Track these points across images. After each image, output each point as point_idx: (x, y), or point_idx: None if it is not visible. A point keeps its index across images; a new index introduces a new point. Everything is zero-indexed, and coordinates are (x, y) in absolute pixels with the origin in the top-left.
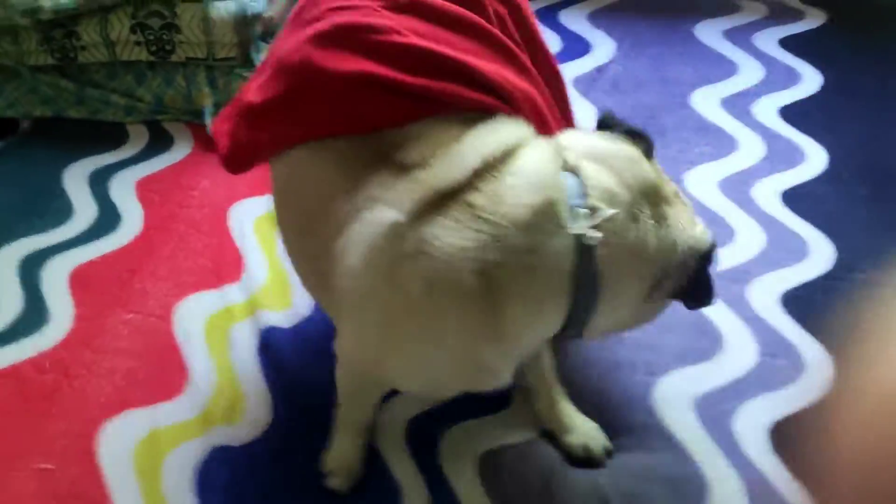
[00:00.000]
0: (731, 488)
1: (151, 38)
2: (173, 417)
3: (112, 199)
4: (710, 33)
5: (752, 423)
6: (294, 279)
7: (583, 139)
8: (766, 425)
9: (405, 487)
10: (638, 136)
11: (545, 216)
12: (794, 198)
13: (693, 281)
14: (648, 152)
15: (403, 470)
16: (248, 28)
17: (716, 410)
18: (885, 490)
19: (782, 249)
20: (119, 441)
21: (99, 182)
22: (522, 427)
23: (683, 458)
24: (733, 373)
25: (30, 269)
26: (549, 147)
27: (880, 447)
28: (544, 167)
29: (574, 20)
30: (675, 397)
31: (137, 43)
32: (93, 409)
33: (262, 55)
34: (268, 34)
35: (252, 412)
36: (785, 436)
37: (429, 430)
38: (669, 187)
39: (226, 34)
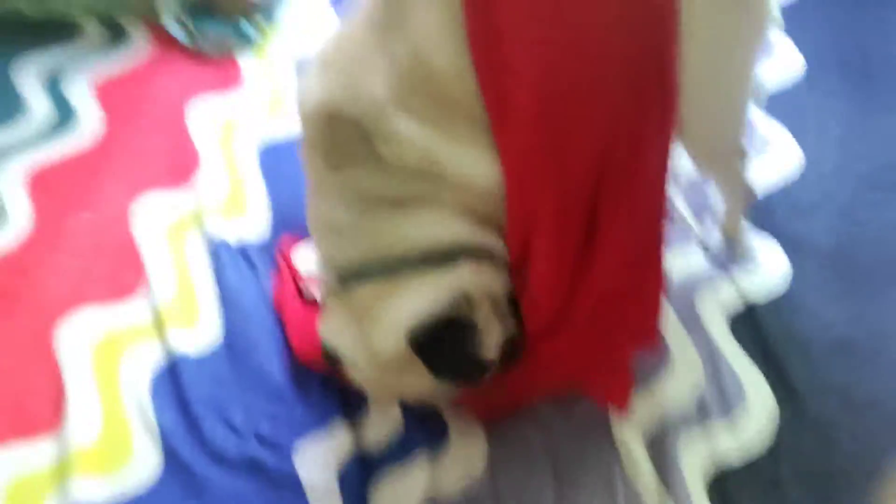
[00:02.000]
0: None
1: None
2: (130, 320)
3: (67, 98)
4: None
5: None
6: (251, 187)
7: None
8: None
9: None
10: None
11: None
12: (768, 100)
13: None
14: None
15: None
16: None
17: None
18: None
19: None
20: (77, 339)
21: (53, 80)
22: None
23: None
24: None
25: None
26: None
27: None
28: None
29: None
30: None
31: None
32: (49, 306)
33: None
34: None
35: (208, 319)
36: None
37: (359, 479)
38: None
39: None
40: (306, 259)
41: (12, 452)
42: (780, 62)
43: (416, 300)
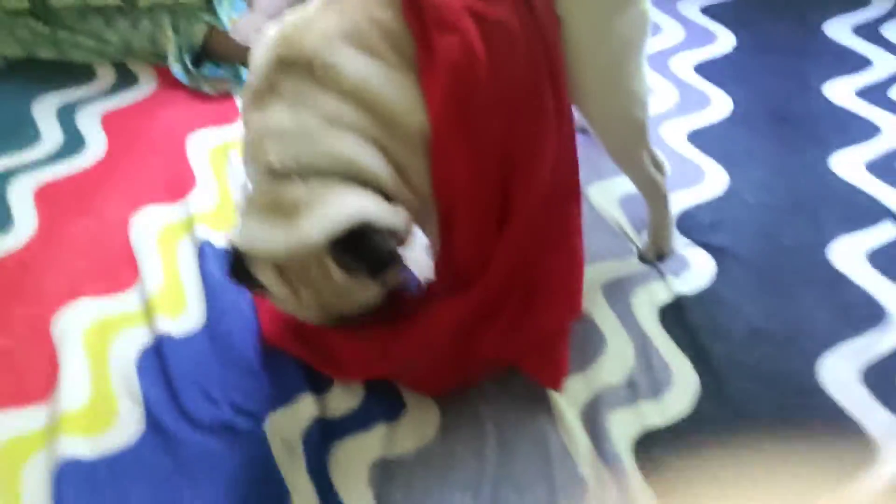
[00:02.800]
0: None
1: None
2: (122, 308)
3: (78, 128)
4: None
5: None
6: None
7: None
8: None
9: (295, 497)
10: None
11: None
12: (699, 137)
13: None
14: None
15: (294, 479)
16: None
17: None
18: None
19: (681, 178)
20: (72, 324)
21: (66, 113)
22: (413, 436)
23: None
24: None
25: None
26: None
27: None
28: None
29: None
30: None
31: None
32: (49, 298)
33: (224, 2)
34: None
35: (193, 308)
36: None
37: (320, 441)
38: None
39: None
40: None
41: (6, 416)
42: (712, 106)
43: (351, 200)
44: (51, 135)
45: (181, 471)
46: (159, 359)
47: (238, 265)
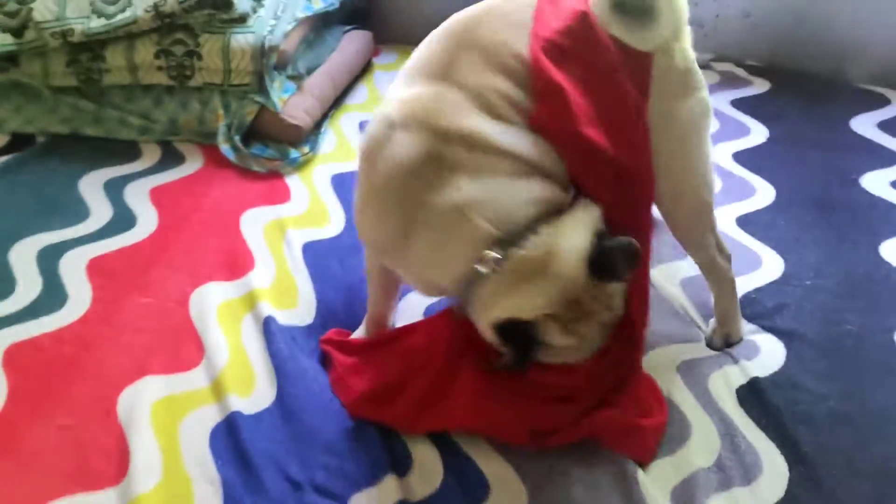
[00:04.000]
0: None
1: (174, 63)
2: (189, 386)
3: (127, 203)
4: None
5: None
6: (299, 282)
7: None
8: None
9: None
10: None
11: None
12: (748, 223)
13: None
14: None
15: None
16: (265, 58)
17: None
18: None
19: (739, 261)
20: (138, 402)
21: (114, 189)
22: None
23: None
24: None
25: (47, 259)
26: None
27: None
28: (517, 193)
29: None
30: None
31: (159, 68)
32: (112, 376)
33: (275, 84)
34: (281, 65)
35: (261, 387)
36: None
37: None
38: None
39: (244, 63)
40: None
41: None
42: (756, 193)
43: (574, 223)
44: (100, 210)
45: None
46: (233, 438)
47: (521, 336)
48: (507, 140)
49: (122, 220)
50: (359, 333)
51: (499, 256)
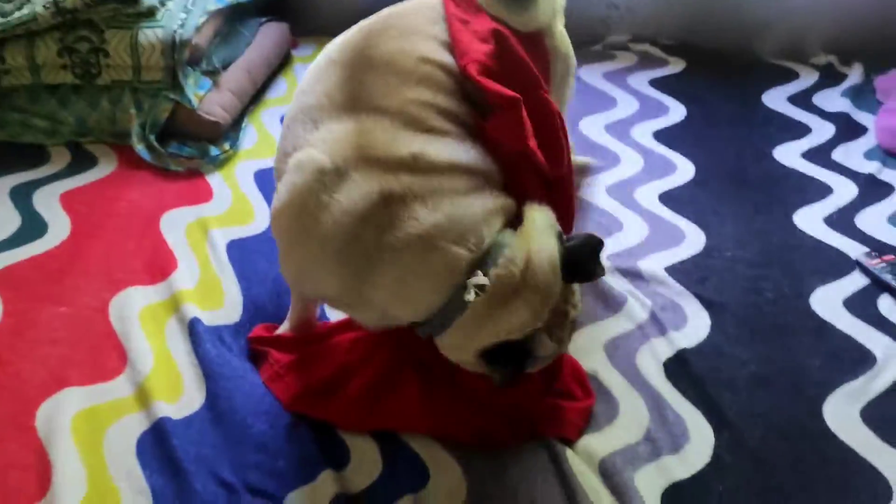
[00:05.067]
0: None
1: (78, 61)
2: (112, 395)
3: (36, 210)
4: (592, 75)
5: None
6: (224, 281)
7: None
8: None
9: None
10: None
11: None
12: (670, 199)
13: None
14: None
15: None
16: (177, 53)
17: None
18: None
19: (663, 236)
20: (58, 416)
21: (21, 196)
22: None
23: None
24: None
25: None
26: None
27: None
28: (477, 209)
29: None
30: None
31: (63, 67)
32: (29, 390)
33: (189, 79)
34: (194, 60)
35: (189, 391)
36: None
37: None
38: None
39: (154, 59)
40: None
41: None
42: (677, 170)
43: (534, 227)
44: (6, 218)
45: None
46: (161, 445)
47: (510, 355)
48: (449, 154)
49: (32, 228)
50: (283, 329)
51: (485, 281)
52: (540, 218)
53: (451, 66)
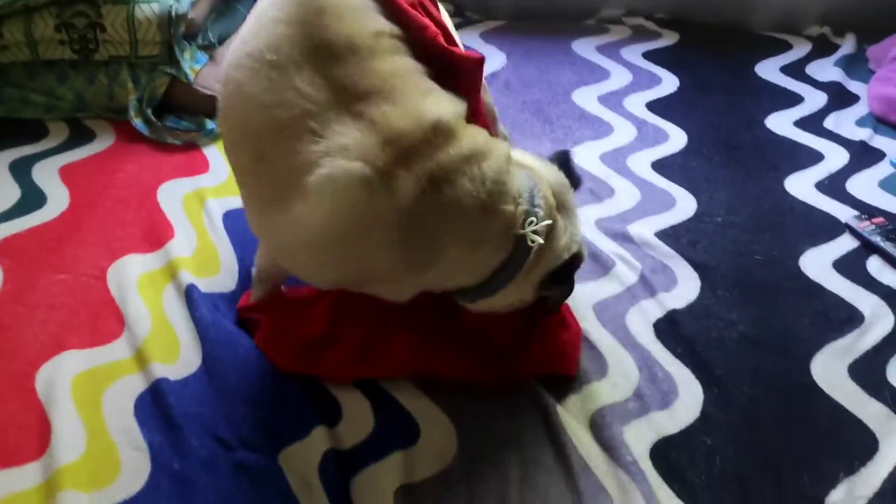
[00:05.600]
0: None
1: (76, 37)
2: (111, 358)
3: (35, 182)
4: (585, 48)
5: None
6: (220, 249)
7: (527, 155)
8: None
9: None
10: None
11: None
12: (662, 166)
13: (565, 276)
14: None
15: None
16: (173, 28)
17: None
18: None
19: (654, 202)
20: (57, 378)
21: (20, 169)
22: (432, 460)
23: None
24: (624, 283)
25: None
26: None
27: None
28: (503, 163)
29: (467, 38)
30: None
31: (61, 42)
32: (28, 353)
33: (186, 54)
34: (191, 35)
35: (186, 354)
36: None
37: (338, 474)
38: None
39: (151, 33)
40: None
41: None
42: (669, 139)
43: (542, 165)
44: (6, 190)
45: None
46: (158, 404)
47: (562, 273)
48: (453, 108)
49: (31, 199)
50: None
51: (545, 222)
52: (514, 150)
53: (400, 34)
